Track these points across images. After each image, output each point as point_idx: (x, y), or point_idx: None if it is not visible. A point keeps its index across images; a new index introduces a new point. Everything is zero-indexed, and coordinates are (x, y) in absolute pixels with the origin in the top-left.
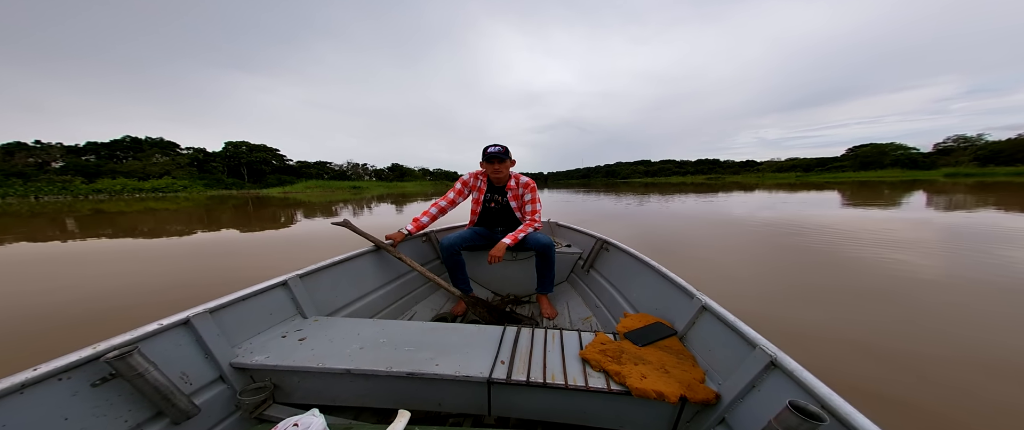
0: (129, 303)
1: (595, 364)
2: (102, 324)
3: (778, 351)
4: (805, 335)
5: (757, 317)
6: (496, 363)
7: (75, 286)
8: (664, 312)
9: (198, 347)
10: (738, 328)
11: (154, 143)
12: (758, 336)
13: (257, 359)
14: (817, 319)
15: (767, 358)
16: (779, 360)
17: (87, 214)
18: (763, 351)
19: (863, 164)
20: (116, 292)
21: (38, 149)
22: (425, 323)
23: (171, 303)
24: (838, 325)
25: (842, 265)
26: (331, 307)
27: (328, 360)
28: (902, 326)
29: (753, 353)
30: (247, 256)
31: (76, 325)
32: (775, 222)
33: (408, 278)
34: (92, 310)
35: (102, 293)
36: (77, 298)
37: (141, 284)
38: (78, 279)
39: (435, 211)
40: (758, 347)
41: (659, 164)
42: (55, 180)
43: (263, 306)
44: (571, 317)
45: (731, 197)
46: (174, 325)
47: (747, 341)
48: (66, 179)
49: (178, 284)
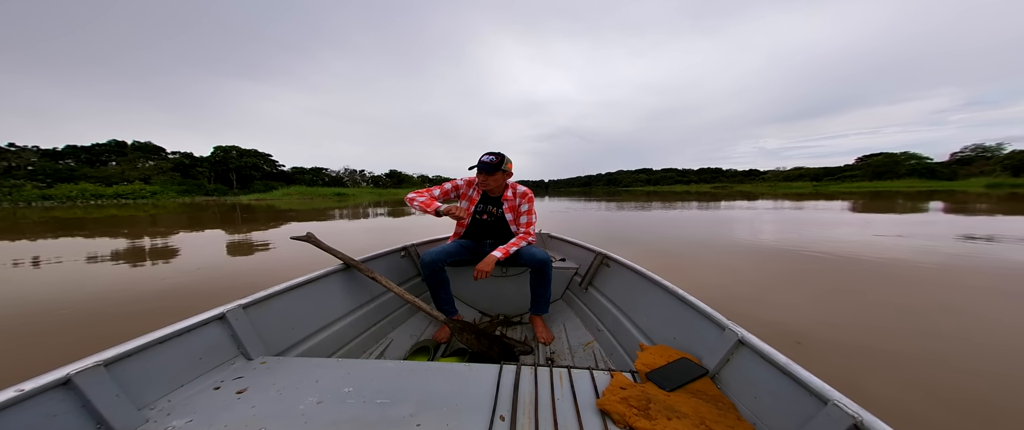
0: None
1: (619, 419)
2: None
3: (863, 411)
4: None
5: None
6: (494, 420)
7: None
8: (687, 344)
9: (85, 416)
10: (795, 373)
11: (140, 147)
12: (828, 387)
13: (175, 424)
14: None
15: (848, 420)
16: (866, 423)
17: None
18: (840, 409)
19: (876, 174)
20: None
21: (11, 152)
22: (402, 363)
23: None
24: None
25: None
26: (284, 343)
27: (273, 422)
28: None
29: (824, 410)
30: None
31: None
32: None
33: (382, 301)
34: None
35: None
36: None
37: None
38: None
39: (438, 193)
40: (831, 403)
41: (661, 172)
42: (3, 185)
43: (190, 349)
44: (570, 342)
45: (756, 209)
46: (44, 388)
47: (811, 392)
48: (16, 184)
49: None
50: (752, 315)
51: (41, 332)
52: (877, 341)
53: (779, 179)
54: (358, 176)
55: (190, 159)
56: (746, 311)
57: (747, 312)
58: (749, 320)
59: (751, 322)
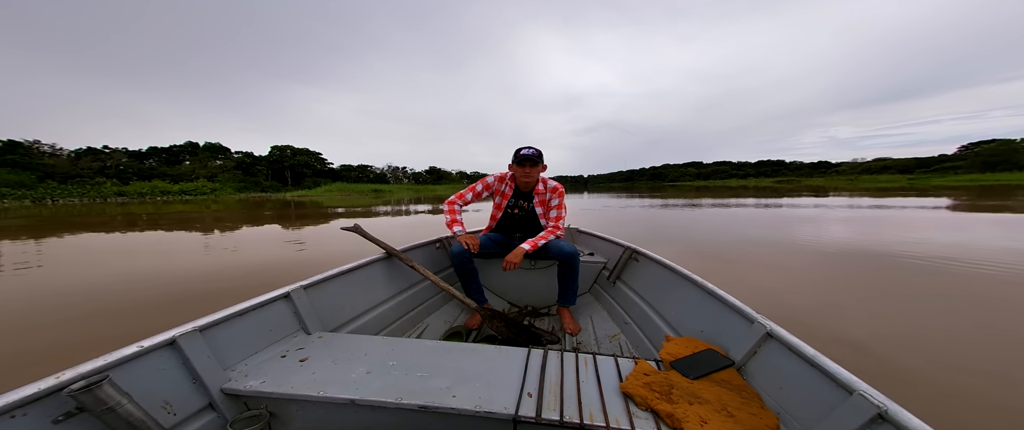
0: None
1: (641, 401)
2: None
3: (888, 401)
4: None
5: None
6: (522, 395)
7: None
8: (714, 337)
9: (185, 371)
10: (822, 365)
11: (209, 147)
12: (855, 378)
13: (252, 384)
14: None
15: (873, 409)
16: (891, 413)
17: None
18: (866, 399)
19: (987, 164)
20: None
21: (105, 153)
22: (439, 342)
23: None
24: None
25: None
26: (337, 321)
27: (331, 387)
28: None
29: (850, 400)
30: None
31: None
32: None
33: (420, 288)
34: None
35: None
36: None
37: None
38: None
39: (459, 207)
40: (857, 393)
41: (713, 166)
42: (88, 183)
43: (262, 322)
44: (597, 334)
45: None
46: (157, 347)
47: (837, 383)
48: (99, 181)
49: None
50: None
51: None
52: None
53: (858, 172)
54: (400, 173)
55: (251, 158)
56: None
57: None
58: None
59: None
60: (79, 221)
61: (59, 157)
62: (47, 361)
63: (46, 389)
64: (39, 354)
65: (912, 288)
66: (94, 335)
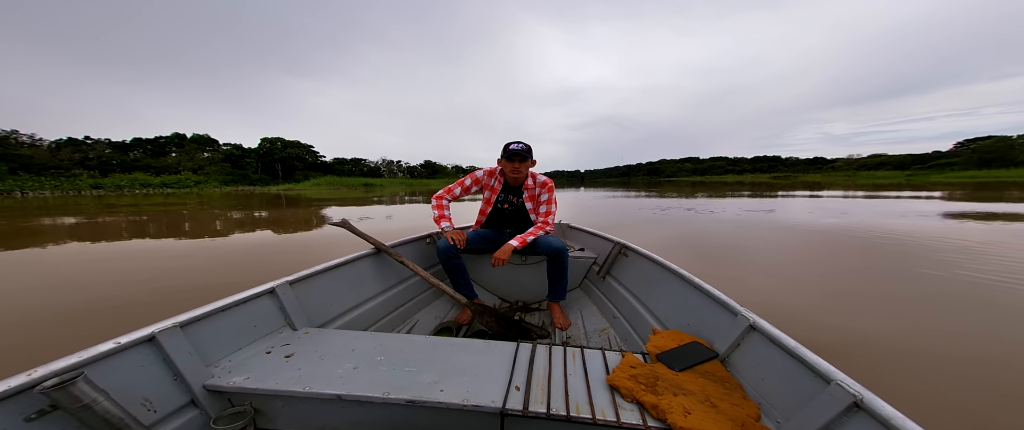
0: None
1: (627, 393)
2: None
3: (864, 390)
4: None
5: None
6: (510, 389)
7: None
8: (699, 329)
9: (165, 368)
10: (801, 356)
11: (197, 139)
12: (832, 368)
13: (235, 380)
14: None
15: (849, 398)
16: (866, 402)
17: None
18: (842, 388)
19: (982, 161)
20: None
21: (86, 144)
22: (428, 337)
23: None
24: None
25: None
26: (324, 317)
27: (316, 383)
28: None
29: (827, 389)
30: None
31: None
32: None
33: (410, 284)
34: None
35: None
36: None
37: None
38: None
39: (447, 202)
40: (834, 382)
41: (709, 161)
42: (63, 175)
43: (246, 318)
44: (586, 328)
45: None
46: (135, 343)
47: (816, 373)
48: (76, 173)
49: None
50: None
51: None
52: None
53: (854, 168)
54: (394, 167)
55: (239, 151)
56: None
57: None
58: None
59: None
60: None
61: (38, 148)
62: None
63: (16, 387)
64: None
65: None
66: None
